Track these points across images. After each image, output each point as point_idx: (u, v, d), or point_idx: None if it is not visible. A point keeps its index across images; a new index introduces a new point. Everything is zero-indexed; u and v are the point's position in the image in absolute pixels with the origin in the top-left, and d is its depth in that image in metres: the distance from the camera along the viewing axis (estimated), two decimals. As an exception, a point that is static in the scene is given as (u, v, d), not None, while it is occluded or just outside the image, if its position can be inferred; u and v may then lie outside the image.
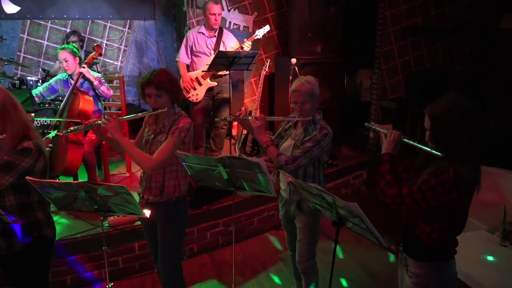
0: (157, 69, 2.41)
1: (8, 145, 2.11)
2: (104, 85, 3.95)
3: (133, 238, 3.48)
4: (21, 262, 2.25)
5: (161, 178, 2.45)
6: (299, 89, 2.55)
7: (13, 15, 5.43)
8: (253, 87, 5.68)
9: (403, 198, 1.81)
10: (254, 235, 4.13)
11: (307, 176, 2.65)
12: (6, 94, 2.14)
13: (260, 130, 2.61)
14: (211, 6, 4.30)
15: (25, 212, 2.21)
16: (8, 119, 2.11)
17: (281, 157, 2.54)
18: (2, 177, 2.06)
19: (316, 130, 2.58)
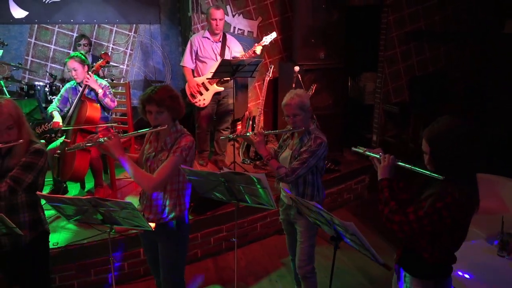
0: (158, 86, 2.42)
1: (23, 149, 2.34)
2: (108, 96, 4.01)
3: (138, 243, 3.56)
4: (25, 257, 2.43)
5: (161, 197, 2.46)
6: (289, 103, 2.68)
7: (21, 20, 5.52)
8: (257, 91, 5.74)
9: (410, 225, 1.83)
10: (257, 240, 4.21)
11: (307, 184, 2.78)
12: (16, 105, 2.35)
13: (260, 144, 2.76)
14: (213, 11, 4.37)
15: (32, 209, 2.42)
16: (23, 127, 2.34)
17: (281, 169, 2.70)
18: (27, 176, 2.29)
19: (311, 140, 2.70)
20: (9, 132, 2.28)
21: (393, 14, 5.77)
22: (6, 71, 5.29)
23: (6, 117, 2.25)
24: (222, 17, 4.40)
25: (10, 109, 2.27)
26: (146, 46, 6.05)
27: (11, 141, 2.28)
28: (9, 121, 2.26)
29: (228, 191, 2.43)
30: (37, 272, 2.50)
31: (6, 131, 2.27)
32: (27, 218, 2.38)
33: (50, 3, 5.55)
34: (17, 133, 2.31)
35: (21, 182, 2.27)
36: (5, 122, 2.25)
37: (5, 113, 2.24)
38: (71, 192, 4.29)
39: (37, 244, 2.46)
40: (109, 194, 4.19)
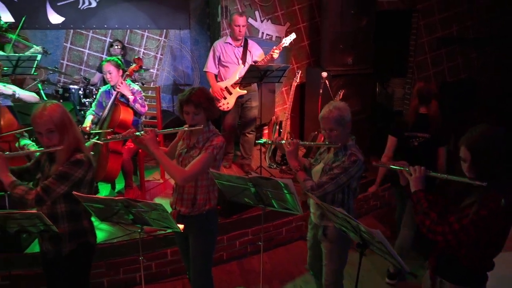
0: (195, 88, 2.54)
1: (63, 156, 2.33)
2: (139, 102, 4.11)
3: (165, 244, 3.65)
4: (67, 265, 2.47)
5: (192, 191, 2.59)
6: (327, 116, 2.52)
7: (57, 25, 5.74)
8: (284, 96, 5.76)
9: (455, 234, 1.81)
10: (282, 245, 4.22)
11: (335, 203, 2.62)
12: (63, 110, 2.36)
13: (291, 155, 2.64)
14: (236, 18, 4.46)
15: (73, 219, 2.42)
16: (65, 133, 2.33)
17: (307, 182, 2.56)
18: (58, 186, 2.29)
19: (345, 156, 2.54)
20: (49, 136, 2.28)
21: (424, 19, 5.71)
22: (43, 74, 5.51)
23: (47, 119, 2.26)
24: (244, 24, 4.50)
25: (54, 113, 2.28)
26: (176, 50, 6.17)
27: (51, 146, 2.30)
28: (49, 124, 2.26)
29: (256, 195, 2.47)
30: (76, 280, 2.53)
31: (47, 135, 2.28)
32: (67, 229, 2.39)
33: (85, 9, 5.75)
34: (58, 138, 2.30)
35: (50, 192, 2.27)
36: (45, 125, 2.26)
37: (46, 115, 2.26)
38: (102, 193, 4.42)
39: (77, 256, 2.46)
40: (138, 195, 4.30)
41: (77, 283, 2.54)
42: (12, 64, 4.36)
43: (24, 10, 5.40)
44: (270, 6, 5.44)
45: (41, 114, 2.26)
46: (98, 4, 5.75)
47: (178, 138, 2.77)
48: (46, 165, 2.42)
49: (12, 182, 2.29)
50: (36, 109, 2.29)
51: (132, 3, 5.82)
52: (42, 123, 2.26)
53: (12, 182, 2.29)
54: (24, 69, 4.49)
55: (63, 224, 2.38)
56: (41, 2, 5.59)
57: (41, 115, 2.26)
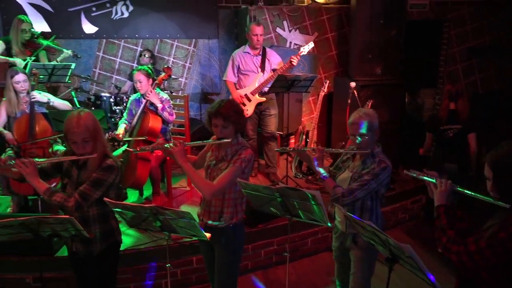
0: (224, 100, 2.54)
1: (95, 163, 2.42)
2: (167, 110, 4.18)
3: (191, 252, 3.67)
4: (97, 265, 2.56)
5: (220, 204, 2.57)
6: (356, 122, 2.54)
7: (91, 35, 5.92)
8: (311, 106, 5.75)
9: (471, 256, 1.72)
10: (308, 256, 4.18)
11: (364, 210, 2.62)
12: (94, 118, 2.45)
13: (318, 161, 2.63)
14: (254, 28, 4.56)
15: (103, 220, 2.52)
16: (98, 141, 2.42)
17: (337, 189, 2.54)
18: (94, 192, 2.38)
19: (374, 163, 2.54)
20: (84, 145, 2.36)
21: (455, 28, 5.61)
22: (76, 82, 5.68)
23: (83, 129, 2.33)
24: (262, 33, 4.60)
25: (88, 122, 2.36)
26: (204, 60, 6.26)
27: (86, 154, 2.38)
28: (85, 134, 2.33)
29: (282, 206, 2.47)
30: (105, 280, 2.62)
31: (82, 144, 2.35)
32: (98, 230, 2.48)
33: (117, 19, 5.91)
34: (92, 146, 2.38)
35: (88, 198, 2.36)
36: (81, 135, 2.33)
37: (82, 125, 2.33)
38: (130, 199, 4.50)
39: (107, 255, 2.56)
40: (165, 202, 4.35)
41: (107, 281, 2.64)
42: (47, 73, 4.52)
43: (60, 20, 5.59)
44: (298, 16, 5.46)
45: (77, 123, 2.33)
46: (130, 15, 5.90)
47: (207, 148, 2.76)
48: (73, 170, 2.48)
49: (48, 189, 2.36)
50: (70, 118, 2.36)
51: (163, 14, 5.95)
52: (78, 132, 2.33)
53: (48, 189, 2.36)
54: (59, 77, 4.65)
55: (94, 226, 2.46)
56: (76, 13, 5.78)
57: (77, 125, 2.33)
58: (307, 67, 5.59)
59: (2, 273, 3.41)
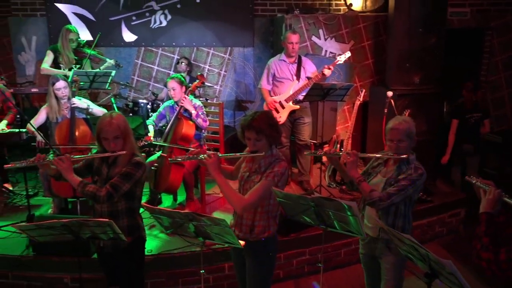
0: (258, 112, 2.50)
1: (125, 159, 2.58)
2: (201, 117, 4.24)
3: (223, 258, 3.68)
4: (125, 258, 2.66)
5: (251, 218, 2.53)
6: (397, 127, 2.57)
7: (130, 43, 6.11)
8: (345, 115, 5.68)
9: (499, 265, 1.71)
10: (340, 267, 4.11)
11: (398, 215, 2.63)
12: (125, 119, 2.63)
13: (352, 165, 2.61)
14: (290, 36, 4.59)
15: (130, 215, 2.64)
16: (128, 140, 2.59)
17: (374, 193, 2.54)
18: (124, 184, 2.51)
19: (410, 169, 2.57)
20: (115, 142, 2.53)
21: (499, 37, 5.42)
22: (115, 89, 5.86)
23: (115, 127, 2.52)
24: (297, 41, 4.62)
25: (120, 121, 2.56)
26: (239, 68, 6.31)
27: (116, 151, 2.54)
28: (116, 132, 2.52)
29: (317, 215, 2.43)
30: (133, 274, 2.72)
31: (113, 141, 2.53)
32: (126, 224, 2.60)
33: (156, 28, 6.07)
34: (122, 145, 2.56)
35: (118, 189, 2.50)
36: (113, 132, 2.52)
37: (114, 123, 2.53)
38: (164, 203, 4.58)
39: (133, 249, 2.68)
40: (198, 207, 4.39)
41: (135, 275, 2.73)
42: (89, 79, 4.68)
43: (102, 29, 5.80)
44: (334, 24, 5.43)
45: (109, 122, 2.53)
46: (168, 23, 6.04)
47: (243, 159, 2.74)
48: (103, 168, 2.64)
49: (81, 181, 2.52)
50: (103, 118, 2.58)
51: (200, 22, 6.06)
52: (111, 130, 2.51)
53: (81, 181, 2.52)
54: (99, 84, 4.80)
55: (122, 219, 2.58)
56: (117, 22, 5.98)
57: (110, 123, 2.52)
58: (343, 75, 5.55)
59: (42, 272, 3.53)
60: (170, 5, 5.99)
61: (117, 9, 5.95)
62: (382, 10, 5.75)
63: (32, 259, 3.53)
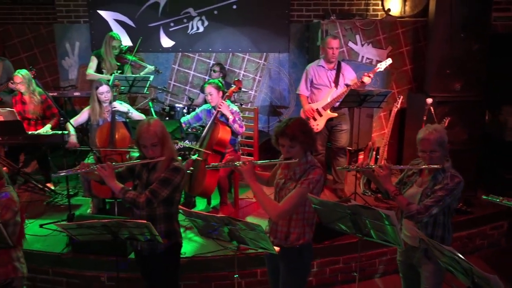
0: (292, 119, 2.48)
1: (163, 165, 2.61)
2: (237, 122, 4.27)
3: (256, 264, 3.68)
4: (160, 263, 2.69)
5: (286, 225, 2.51)
6: (427, 138, 2.53)
7: (168, 49, 6.25)
8: (382, 122, 5.58)
9: None
10: (375, 277, 4.03)
11: (437, 225, 2.59)
12: (163, 125, 2.65)
13: (386, 179, 2.58)
14: (330, 41, 4.50)
15: (168, 220, 2.66)
16: (166, 146, 2.62)
17: (411, 206, 2.52)
18: (163, 190, 2.54)
19: (447, 178, 2.53)
20: (153, 149, 2.57)
21: (546, 43, 5.16)
22: (152, 93, 5.99)
23: (152, 135, 2.54)
24: (338, 46, 4.54)
25: (157, 128, 2.58)
26: (274, 73, 6.33)
27: (155, 157, 2.57)
28: (154, 139, 2.55)
29: (353, 224, 2.40)
30: (168, 278, 2.75)
31: (151, 148, 2.56)
32: (163, 229, 2.61)
33: (193, 34, 6.18)
34: (160, 151, 2.59)
35: (157, 195, 2.52)
36: (150, 139, 2.55)
37: (152, 131, 2.55)
38: (198, 207, 4.63)
39: (169, 254, 2.70)
40: (231, 212, 4.42)
41: (170, 280, 2.76)
42: (128, 84, 4.82)
43: (141, 35, 5.96)
44: (372, 30, 5.36)
45: (147, 129, 2.55)
46: (205, 29, 6.15)
47: (278, 165, 2.73)
48: (144, 173, 2.67)
49: (122, 188, 2.56)
50: (141, 125, 2.60)
51: (236, 28, 6.12)
52: (148, 137, 2.55)
53: (122, 188, 2.56)
54: (138, 88, 4.94)
55: (159, 225, 2.60)
56: (156, 28, 6.14)
57: (147, 130, 2.55)
58: (379, 81, 5.46)
59: (81, 270, 3.64)
60: (207, 11, 6.09)
61: (156, 16, 6.11)
62: (421, 15, 5.63)
63: (71, 257, 3.65)
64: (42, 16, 6.61)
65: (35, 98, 4.76)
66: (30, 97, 4.75)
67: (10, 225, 2.45)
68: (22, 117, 4.69)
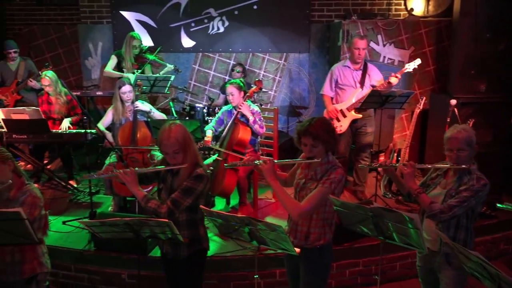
0: (315, 118, 2.47)
1: (186, 172, 2.52)
2: (258, 123, 4.25)
3: (275, 264, 3.67)
4: (184, 268, 2.65)
5: (306, 225, 2.49)
6: (456, 136, 2.49)
7: (189, 49, 6.29)
8: (403, 123, 5.50)
9: None
10: (395, 280, 3.96)
11: (460, 227, 2.53)
12: (185, 130, 2.55)
13: (410, 177, 2.56)
14: (356, 41, 4.43)
15: (191, 227, 2.60)
16: (188, 151, 2.52)
17: (434, 205, 2.47)
18: (185, 200, 2.48)
19: (472, 179, 2.47)
20: (175, 156, 2.48)
21: None
22: (173, 93, 6.05)
23: (173, 142, 2.45)
24: (365, 47, 4.45)
25: (178, 134, 2.47)
26: (294, 73, 6.30)
27: (177, 164, 2.50)
28: (175, 146, 2.45)
29: (375, 226, 2.36)
30: (192, 283, 2.71)
31: (173, 155, 2.48)
32: (186, 235, 2.55)
33: (214, 34, 6.21)
34: (182, 157, 2.50)
35: (179, 205, 2.47)
36: (172, 147, 2.45)
37: (173, 138, 2.45)
38: (217, 207, 4.64)
39: (193, 261, 2.64)
40: (250, 212, 4.41)
41: (194, 284, 2.72)
42: (150, 84, 4.87)
43: (162, 35, 6.03)
44: (394, 30, 5.29)
45: (168, 136, 2.45)
46: (225, 29, 6.17)
47: (297, 165, 2.72)
48: (168, 176, 2.62)
49: (145, 196, 2.52)
50: (162, 131, 2.50)
51: (256, 28, 6.12)
52: (169, 145, 2.46)
53: (145, 196, 2.52)
54: (159, 88, 4.99)
55: (182, 231, 2.54)
56: (177, 28, 6.19)
57: (168, 138, 2.45)
58: (401, 82, 5.36)
59: (102, 267, 3.69)
60: (228, 11, 6.11)
61: (177, 16, 6.16)
62: (445, 15, 5.53)
63: (92, 253, 3.71)
64: (66, 17, 6.74)
65: (61, 99, 4.88)
66: (56, 98, 4.88)
67: (37, 220, 2.50)
68: (47, 117, 4.80)
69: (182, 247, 2.59)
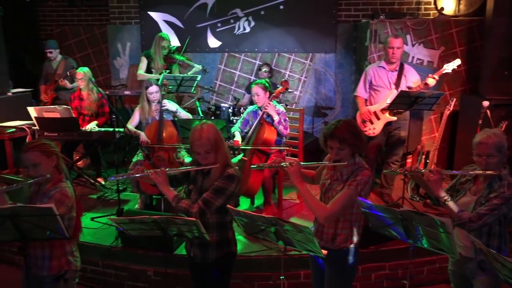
0: (341, 121, 2.43)
1: (218, 172, 2.52)
2: (283, 124, 4.23)
3: (299, 265, 3.65)
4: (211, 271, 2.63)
5: (333, 226, 2.46)
6: (485, 142, 2.41)
7: (215, 49, 6.34)
8: (432, 125, 5.39)
9: None
10: (423, 285, 3.87)
11: (492, 234, 2.45)
12: (216, 130, 2.54)
13: (436, 184, 2.46)
14: (391, 40, 4.32)
15: (221, 229, 2.59)
16: (219, 151, 2.52)
17: (463, 213, 2.40)
18: (216, 200, 2.48)
19: (503, 186, 2.39)
20: (206, 156, 2.47)
21: None
22: (199, 93, 6.10)
23: (205, 142, 2.44)
24: (400, 46, 4.32)
25: (210, 134, 2.46)
26: (320, 74, 6.26)
27: (209, 164, 2.51)
28: (207, 146, 2.45)
29: (405, 229, 2.32)
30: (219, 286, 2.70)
31: (204, 155, 2.47)
32: (215, 238, 2.53)
33: (239, 34, 6.23)
34: (214, 157, 2.49)
35: (210, 205, 2.47)
36: (204, 147, 2.45)
37: (205, 138, 2.44)
38: (241, 206, 4.65)
39: (221, 264, 2.62)
40: (275, 212, 4.40)
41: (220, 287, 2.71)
42: (176, 83, 4.92)
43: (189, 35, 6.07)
44: (423, 29, 5.18)
45: (199, 136, 2.45)
46: (251, 30, 6.18)
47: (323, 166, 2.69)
48: (198, 177, 2.62)
49: (176, 196, 2.53)
50: (194, 131, 2.50)
51: (282, 28, 6.11)
52: (201, 145, 2.46)
53: (176, 196, 2.53)
54: (186, 87, 5.04)
55: (212, 234, 2.53)
56: (203, 29, 6.25)
57: (199, 138, 2.45)
58: (431, 83, 5.26)
59: (129, 263, 3.75)
60: (254, 12, 6.13)
61: (204, 17, 6.21)
62: (477, 14, 5.38)
63: (120, 250, 3.77)
64: (96, 17, 6.91)
65: (92, 96, 5.00)
66: (88, 93, 5.02)
67: (65, 219, 2.51)
68: (78, 113, 4.94)
69: (211, 250, 2.58)
